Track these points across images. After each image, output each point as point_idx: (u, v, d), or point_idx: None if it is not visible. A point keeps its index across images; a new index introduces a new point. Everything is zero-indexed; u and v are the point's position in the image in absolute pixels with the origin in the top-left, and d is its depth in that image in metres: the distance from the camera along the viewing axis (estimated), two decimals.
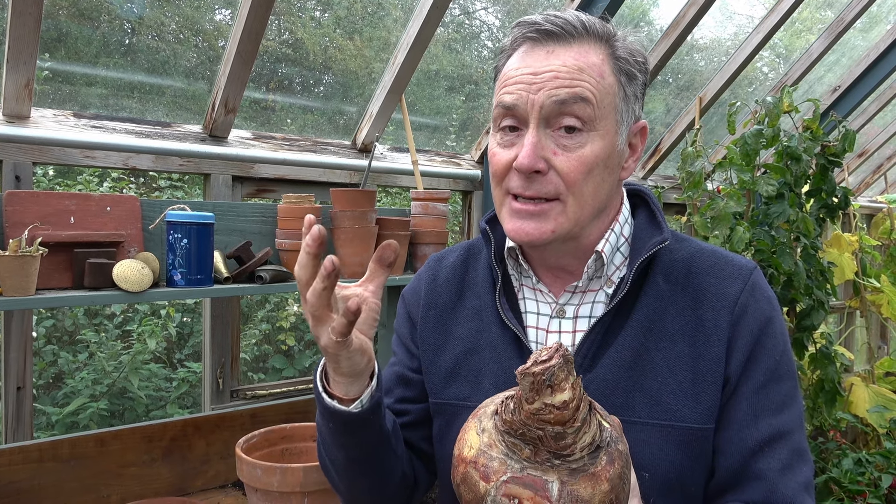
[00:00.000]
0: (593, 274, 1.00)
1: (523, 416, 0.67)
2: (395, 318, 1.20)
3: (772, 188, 2.54)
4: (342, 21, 2.48)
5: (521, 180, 0.93)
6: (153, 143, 1.93)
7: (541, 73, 0.91)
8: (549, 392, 0.66)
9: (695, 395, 0.93)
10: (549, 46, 0.93)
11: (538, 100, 0.91)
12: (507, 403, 0.71)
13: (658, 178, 3.74)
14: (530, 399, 0.66)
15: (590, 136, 0.92)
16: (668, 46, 2.88)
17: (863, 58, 3.69)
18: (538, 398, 0.66)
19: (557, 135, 0.92)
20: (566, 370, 0.67)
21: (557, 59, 0.92)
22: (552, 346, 0.69)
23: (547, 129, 0.92)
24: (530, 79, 0.92)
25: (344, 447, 0.94)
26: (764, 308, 0.97)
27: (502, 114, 0.95)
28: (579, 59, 0.92)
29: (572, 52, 0.92)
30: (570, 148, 0.91)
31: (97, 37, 1.99)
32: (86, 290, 1.56)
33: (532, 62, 0.93)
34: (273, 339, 4.31)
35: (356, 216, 1.93)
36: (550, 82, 0.91)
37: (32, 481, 1.65)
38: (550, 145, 0.92)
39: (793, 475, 0.91)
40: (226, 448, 1.95)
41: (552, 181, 0.92)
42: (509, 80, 0.94)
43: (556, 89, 0.90)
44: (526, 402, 0.66)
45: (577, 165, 0.91)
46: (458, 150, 2.90)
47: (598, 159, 0.92)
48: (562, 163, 0.91)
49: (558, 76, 0.91)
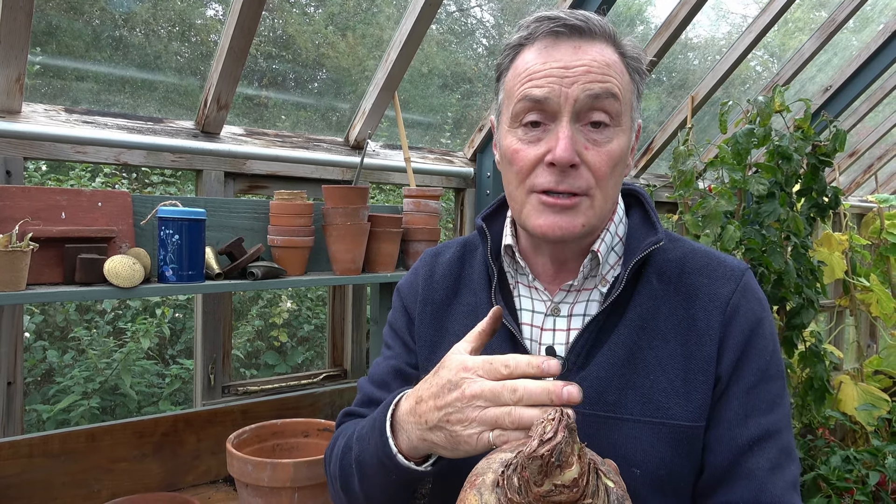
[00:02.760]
0: (588, 273, 1.01)
1: (532, 498, 0.64)
2: (387, 311, 1.20)
3: (763, 187, 2.56)
4: (335, 17, 2.48)
5: (554, 175, 0.92)
6: (145, 138, 1.93)
7: (573, 67, 0.92)
8: (559, 472, 0.63)
9: (686, 394, 0.94)
10: (575, 41, 0.93)
11: (572, 93, 0.91)
12: (511, 479, 0.67)
13: (650, 177, 3.75)
14: (539, 482, 0.63)
15: (615, 131, 0.94)
16: (660, 45, 2.89)
17: (854, 58, 3.71)
18: (548, 480, 0.63)
19: (586, 129, 0.93)
20: (571, 442, 0.64)
21: (587, 55, 0.92)
22: (554, 416, 0.66)
23: (577, 123, 0.93)
24: (562, 72, 0.92)
25: (393, 494, 0.95)
26: (755, 309, 0.98)
27: (528, 108, 0.93)
28: (604, 56, 0.93)
29: (596, 49, 0.93)
30: (599, 143, 0.93)
31: (88, 31, 1.99)
32: (77, 285, 1.56)
33: (561, 56, 0.93)
34: (265, 335, 4.31)
35: (348, 213, 1.93)
36: (584, 76, 0.91)
37: (23, 476, 1.65)
38: (581, 140, 0.93)
39: (781, 474, 0.93)
40: (217, 444, 1.95)
41: (583, 175, 0.93)
42: (536, 73, 0.93)
43: (590, 83, 0.91)
44: (535, 485, 0.63)
45: (607, 160, 0.93)
46: (453, 148, 2.91)
47: (622, 154, 0.95)
48: (593, 157, 0.92)
49: (591, 70, 0.91)
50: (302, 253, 1.93)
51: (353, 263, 1.98)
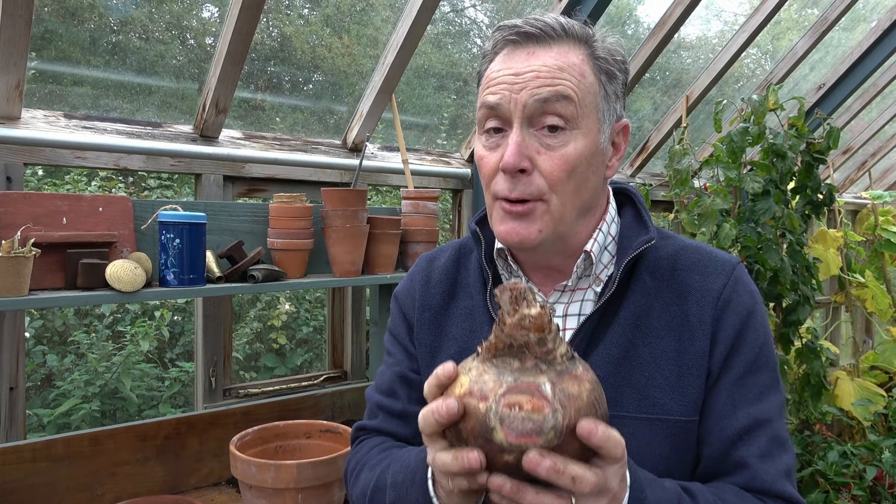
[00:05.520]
0: (582, 273, 1.02)
1: (508, 329, 0.73)
2: (388, 316, 1.21)
3: (758, 185, 2.58)
4: (331, 19, 2.49)
5: (507, 182, 0.94)
6: (144, 143, 1.94)
7: (522, 74, 0.93)
8: (526, 305, 0.73)
9: (681, 389, 0.96)
10: (530, 48, 0.95)
11: (521, 99, 0.92)
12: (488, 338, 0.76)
13: (646, 176, 3.77)
14: (511, 312, 0.73)
15: (572, 134, 0.94)
16: (654, 45, 2.91)
17: (846, 56, 3.73)
18: (518, 309, 0.73)
19: (541, 134, 0.93)
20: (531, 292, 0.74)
21: (538, 60, 0.94)
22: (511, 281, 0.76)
23: (530, 128, 0.94)
24: (512, 79, 0.94)
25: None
26: (746, 302, 1.00)
27: (486, 115, 0.96)
28: (559, 59, 0.94)
29: (552, 53, 0.94)
30: (553, 147, 0.93)
31: (85, 36, 1.99)
32: (79, 290, 1.57)
33: (513, 63, 0.95)
34: (265, 337, 4.32)
35: (347, 215, 1.94)
36: (532, 81, 0.92)
37: (26, 481, 1.65)
38: (534, 144, 0.93)
39: (772, 462, 0.94)
40: (219, 446, 1.96)
41: (535, 181, 0.93)
42: (492, 81, 0.96)
43: (538, 88, 0.92)
44: (508, 316, 0.73)
45: (560, 164, 0.93)
46: (449, 149, 2.92)
47: (581, 158, 0.94)
48: (545, 162, 0.93)
49: (539, 75, 0.92)
50: (301, 255, 1.94)
51: (352, 265, 1.99)
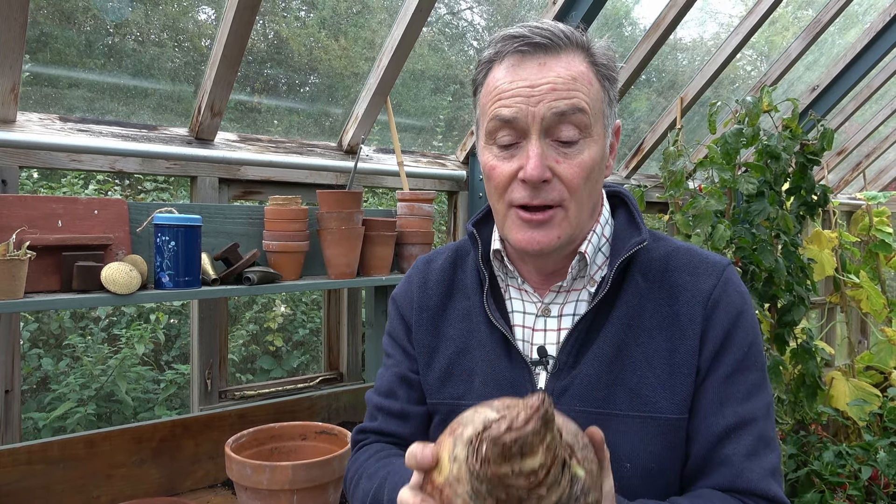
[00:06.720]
0: (577, 274, 1.04)
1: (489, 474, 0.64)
2: (384, 318, 1.22)
3: (752, 186, 2.59)
4: (327, 22, 2.49)
5: (528, 190, 0.95)
6: (139, 146, 1.94)
7: (539, 86, 0.94)
8: (520, 458, 0.63)
9: (671, 388, 0.97)
10: (540, 58, 0.95)
11: (539, 112, 0.93)
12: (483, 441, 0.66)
13: (641, 177, 3.78)
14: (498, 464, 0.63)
15: (586, 142, 0.96)
16: (649, 47, 2.92)
17: (840, 57, 3.75)
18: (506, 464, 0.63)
19: (557, 143, 0.95)
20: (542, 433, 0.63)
21: (552, 72, 0.94)
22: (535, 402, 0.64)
23: (546, 138, 0.95)
24: (528, 91, 0.94)
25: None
26: (736, 302, 1.01)
27: (499, 127, 0.96)
28: (570, 69, 0.95)
29: (562, 63, 0.95)
30: (570, 155, 0.95)
31: (80, 39, 2.00)
32: (74, 292, 1.57)
33: (527, 74, 0.95)
34: (261, 339, 4.32)
35: (343, 217, 1.95)
36: (549, 94, 0.93)
37: (22, 483, 1.65)
38: (552, 154, 0.95)
39: (758, 461, 0.95)
40: (215, 448, 1.96)
41: (556, 188, 0.95)
42: (504, 93, 0.96)
43: (556, 101, 0.93)
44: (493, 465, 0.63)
45: (579, 171, 0.95)
46: (445, 151, 2.92)
47: (594, 163, 0.96)
48: (564, 170, 0.94)
49: (556, 88, 0.93)
50: (297, 257, 1.94)
51: (348, 267, 1.99)
